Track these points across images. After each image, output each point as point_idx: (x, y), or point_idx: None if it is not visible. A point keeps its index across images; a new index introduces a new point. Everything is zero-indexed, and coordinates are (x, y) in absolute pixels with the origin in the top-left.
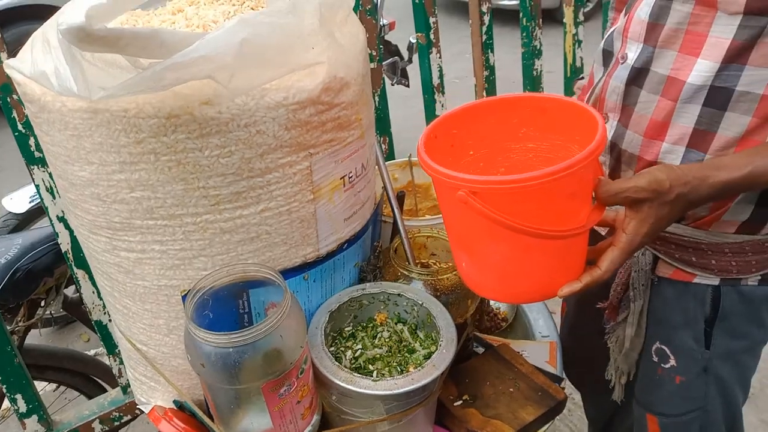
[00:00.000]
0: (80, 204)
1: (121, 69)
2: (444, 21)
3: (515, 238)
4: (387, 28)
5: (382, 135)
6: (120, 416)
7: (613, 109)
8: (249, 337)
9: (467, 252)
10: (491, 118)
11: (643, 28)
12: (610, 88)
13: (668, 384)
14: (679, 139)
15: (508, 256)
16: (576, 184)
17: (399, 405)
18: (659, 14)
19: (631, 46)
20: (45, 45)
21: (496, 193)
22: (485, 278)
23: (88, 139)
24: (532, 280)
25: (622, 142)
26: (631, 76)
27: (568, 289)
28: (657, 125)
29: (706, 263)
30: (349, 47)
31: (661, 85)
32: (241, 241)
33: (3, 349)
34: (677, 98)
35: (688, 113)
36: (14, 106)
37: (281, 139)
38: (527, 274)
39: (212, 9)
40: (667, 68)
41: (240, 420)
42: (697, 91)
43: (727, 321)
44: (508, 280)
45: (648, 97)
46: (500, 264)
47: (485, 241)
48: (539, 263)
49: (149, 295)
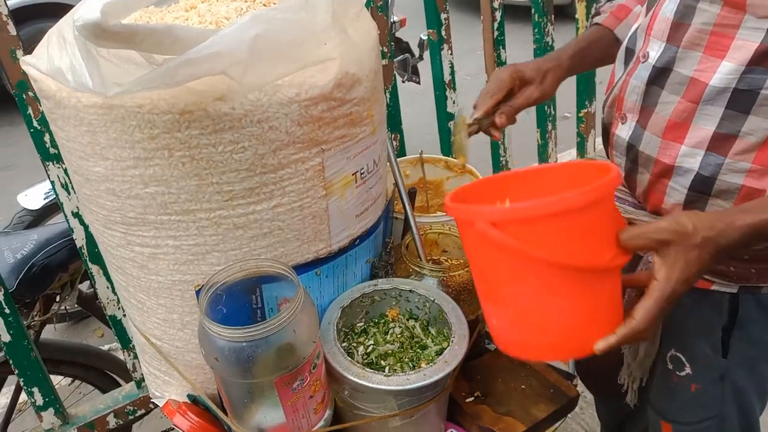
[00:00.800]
0: (95, 199)
1: (135, 65)
2: (455, 18)
3: (540, 276)
4: (398, 25)
5: (393, 132)
6: (134, 410)
7: (632, 110)
8: (262, 332)
9: (495, 302)
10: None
11: (668, 27)
12: (630, 87)
13: (684, 392)
14: (699, 142)
15: (537, 298)
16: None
17: (411, 400)
18: (684, 13)
19: (653, 44)
20: (61, 41)
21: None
22: (517, 330)
23: (103, 135)
24: (564, 330)
25: (640, 144)
26: (652, 75)
27: (603, 344)
28: (676, 127)
29: (724, 270)
30: (361, 43)
31: (683, 86)
32: (254, 237)
33: (20, 344)
34: (699, 100)
35: (710, 116)
36: (30, 103)
37: (294, 135)
38: (560, 322)
39: (225, 5)
40: (690, 69)
41: (253, 414)
42: (720, 93)
43: (745, 329)
44: (541, 330)
45: (668, 97)
46: (530, 311)
47: (510, 283)
48: (570, 306)
49: (163, 290)
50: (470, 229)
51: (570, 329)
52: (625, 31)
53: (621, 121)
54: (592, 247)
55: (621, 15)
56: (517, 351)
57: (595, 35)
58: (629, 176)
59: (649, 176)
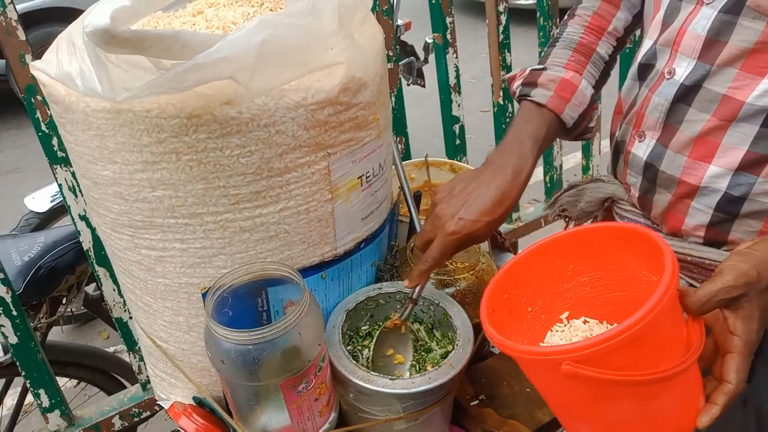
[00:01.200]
0: (103, 203)
1: (144, 70)
2: (460, 21)
3: (635, 391)
4: (403, 28)
5: (399, 135)
6: (139, 412)
7: (653, 127)
8: (268, 335)
9: (587, 421)
10: (534, 269)
11: (699, 44)
12: (652, 104)
13: None
14: (730, 162)
15: (633, 410)
16: (674, 309)
17: (416, 404)
18: (720, 30)
19: (681, 61)
20: (70, 47)
21: (602, 353)
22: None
23: (112, 139)
24: (664, 424)
25: (661, 163)
26: (679, 93)
27: (707, 418)
28: (704, 146)
29: None
30: (367, 48)
31: (714, 103)
32: (260, 240)
33: (27, 345)
34: (732, 118)
35: (743, 134)
36: (38, 107)
37: (300, 139)
38: (657, 420)
39: (232, 11)
40: (723, 86)
41: (259, 416)
42: (757, 112)
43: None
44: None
45: (697, 115)
46: (627, 421)
47: (606, 405)
48: (665, 405)
49: (170, 293)
50: (552, 370)
51: (673, 422)
52: (572, 113)
53: (638, 139)
54: (677, 340)
55: (567, 95)
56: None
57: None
58: (644, 197)
59: (671, 197)
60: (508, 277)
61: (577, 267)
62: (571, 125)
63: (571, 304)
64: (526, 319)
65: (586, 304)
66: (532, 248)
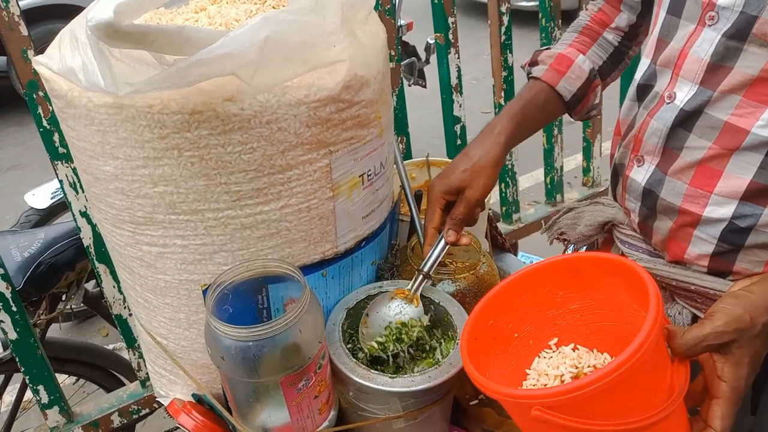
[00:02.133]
0: (104, 198)
1: (147, 65)
2: (461, 22)
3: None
4: (405, 28)
5: (400, 135)
6: (138, 409)
7: (652, 152)
8: (269, 331)
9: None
10: (523, 294)
11: (702, 69)
12: (650, 129)
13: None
14: (733, 191)
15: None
16: (657, 355)
17: (416, 402)
18: (725, 55)
19: (682, 85)
20: (73, 41)
21: (574, 401)
22: None
23: (113, 135)
24: None
25: (660, 190)
26: (678, 117)
27: None
28: (706, 174)
29: None
30: (369, 46)
31: (716, 130)
32: (261, 237)
33: (26, 341)
34: (736, 147)
35: (747, 163)
36: (40, 103)
37: (302, 136)
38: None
39: (234, 7)
40: (725, 113)
41: (258, 414)
42: (762, 142)
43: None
44: None
45: (697, 142)
46: None
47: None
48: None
49: (170, 289)
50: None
51: None
52: (568, 87)
53: (637, 164)
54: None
55: (562, 68)
56: None
57: (531, 93)
58: (644, 223)
59: (672, 224)
60: (494, 303)
61: (567, 294)
62: (569, 98)
63: (561, 331)
64: (512, 344)
65: (576, 331)
66: (520, 273)
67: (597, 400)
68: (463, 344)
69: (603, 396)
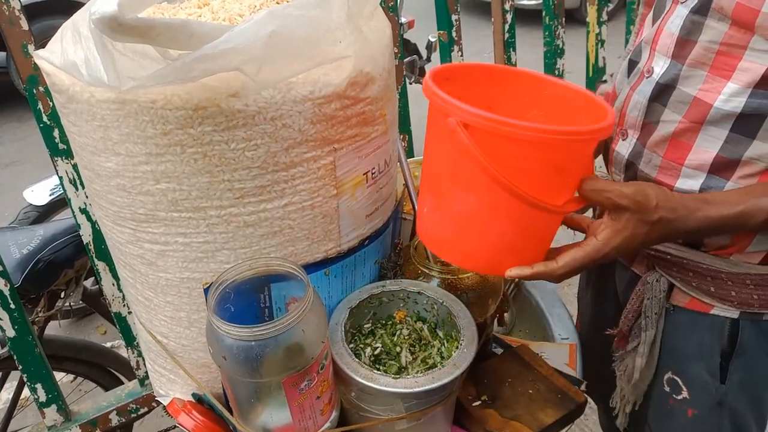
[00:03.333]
0: (105, 195)
1: (151, 60)
2: (462, 20)
3: (487, 191)
4: (406, 26)
5: (402, 133)
6: (137, 408)
7: (633, 126)
8: (271, 331)
9: (435, 194)
10: (507, 87)
11: (673, 43)
12: (632, 102)
13: (680, 416)
14: (701, 164)
15: (474, 209)
16: (569, 158)
17: (418, 403)
18: (691, 30)
19: (658, 60)
20: (76, 35)
21: (487, 133)
22: (442, 229)
23: (116, 130)
24: (487, 246)
25: (640, 162)
26: (655, 91)
27: (516, 272)
28: (678, 147)
29: (725, 294)
30: (375, 42)
31: (686, 105)
32: (264, 235)
33: (24, 339)
34: (702, 121)
35: (713, 137)
36: (40, 98)
37: (306, 133)
38: (485, 237)
39: (238, 3)
40: (694, 88)
41: (259, 414)
42: (725, 115)
43: (745, 356)
44: (464, 237)
45: (670, 116)
46: (463, 217)
47: (457, 185)
48: (501, 229)
49: (171, 288)
50: (441, 119)
51: (494, 248)
52: None
53: (622, 137)
54: (553, 186)
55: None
56: (434, 246)
57: None
58: None
59: None
60: (479, 72)
61: (539, 114)
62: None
63: None
64: None
65: None
66: (515, 69)
67: (509, 149)
68: (434, 70)
69: (512, 148)
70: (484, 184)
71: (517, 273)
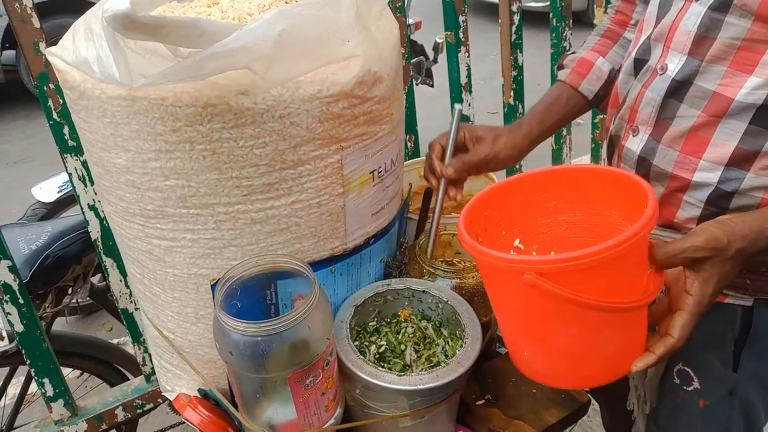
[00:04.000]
0: (115, 191)
1: (162, 57)
2: (470, 21)
3: (586, 317)
4: (413, 27)
5: (409, 133)
6: (142, 404)
7: (646, 122)
8: (277, 327)
9: (532, 340)
10: (520, 195)
11: (690, 40)
12: (645, 99)
13: (691, 407)
14: (720, 157)
15: (578, 336)
16: (641, 252)
17: (423, 401)
18: (710, 27)
19: (672, 57)
20: (88, 33)
21: (564, 272)
22: (554, 365)
23: (126, 127)
24: (602, 359)
25: (654, 157)
26: (670, 88)
27: (642, 363)
28: (695, 141)
29: (739, 283)
30: (383, 42)
31: (704, 100)
32: (271, 232)
33: (32, 334)
34: (722, 115)
35: (732, 131)
36: (50, 95)
37: (314, 131)
38: (597, 354)
39: (247, 2)
40: (713, 83)
41: (264, 410)
42: (745, 108)
43: (758, 343)
44: (578, 362)
45: (688, 111)
46: (570, 347)
47: (554, 325)
48: (609, 339)
49: (179, 283)
50: (507, 276)
51: (609, 357)
52: (592, 87)
53: (632, 134)
54: (636, 282)
55: (583, 71)
56: (552, 381)
57: (556, 94)
58: None
59: (663, 190)
60: (493, 197)
61: (560, 204)
62: (592, 98)
63: (544, 240)
64: (498, 242)
65: (558, 242)
66: (521, 175)
67: (584, 276)
68: (461, 221)
69: (590, 274)
70: (580, 315)
71: (643, 363)
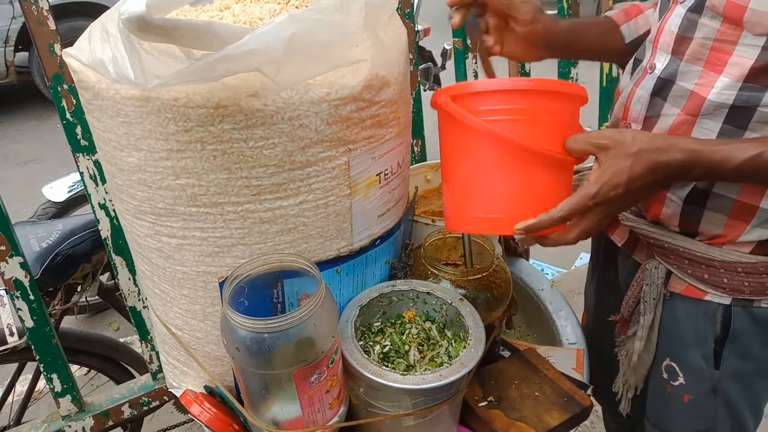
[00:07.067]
0: (126, 189)
1: (175, 59)
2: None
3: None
4: (422, 34)
5: (416, 138)
6: (148, 401)
7: (637, 119)
8: (284, 324)
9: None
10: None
11: (672, 40)
12: (636, 97)
13: (677, 402)
14: None
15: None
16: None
17: (426, 400)
18: (688, 27)
19: (660, 56)
20: (104, 34)
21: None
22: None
23: (139, 126)
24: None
25: None
26: (656, 86)
27: (522, 225)
28: None
29: (717, 281)
30: (391, 46)
31: (684, 99)
32: (279, 232)
33: (42, 330)
34: (697, 113)
35: (708, 130)
36: (64, 96)
37: (322, 133)
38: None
39: (258, 6)
40: (691, 82)
41: (270, 406)
42: (718, 108)
43: (737, 342)
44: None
45: (670, 109)
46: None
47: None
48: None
49: (187, 281)
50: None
51: (502, 205)
52: (632, 30)
53: None
54: (543, 137)
55: (631, 13)
56: (452, 224)
57: (598, 20)
58: None
59: None
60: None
61: None
62: (628, 41)
63: None
64: None
65: None
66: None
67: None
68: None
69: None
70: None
71: (522, 226)
